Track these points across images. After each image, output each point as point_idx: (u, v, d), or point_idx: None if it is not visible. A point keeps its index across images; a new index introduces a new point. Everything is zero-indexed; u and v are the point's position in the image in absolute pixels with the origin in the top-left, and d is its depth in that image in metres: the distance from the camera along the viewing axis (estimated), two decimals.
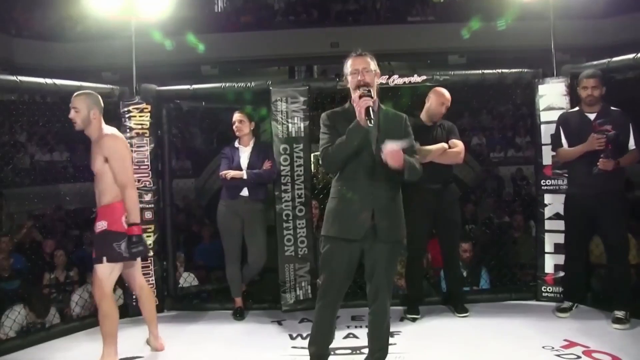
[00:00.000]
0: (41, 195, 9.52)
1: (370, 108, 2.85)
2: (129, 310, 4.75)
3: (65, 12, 14.69)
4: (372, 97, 2.89)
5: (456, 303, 4.54)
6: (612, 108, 4.15)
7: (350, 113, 3.01)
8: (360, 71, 3.00)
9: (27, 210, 8.77)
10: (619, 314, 4.01)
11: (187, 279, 5.68)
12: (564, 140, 4.28)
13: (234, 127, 4.66)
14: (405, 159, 2.89)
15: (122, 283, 4.96)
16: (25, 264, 6.61)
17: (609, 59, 4.42)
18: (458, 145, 4.36)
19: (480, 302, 4.74)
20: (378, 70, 3.12)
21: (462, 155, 4.39)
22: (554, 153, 4.51)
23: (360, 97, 2.87)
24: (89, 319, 4.57)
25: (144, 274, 4.74)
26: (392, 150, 2.83)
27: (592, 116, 4.13)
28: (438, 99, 4.41)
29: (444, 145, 4.31)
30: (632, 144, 4.04)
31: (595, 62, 4.55)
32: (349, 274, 3.07)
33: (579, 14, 13.22)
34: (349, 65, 3.07)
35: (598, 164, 3.97)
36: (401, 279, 5.00)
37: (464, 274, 5.32)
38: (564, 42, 5.26)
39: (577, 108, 4.31)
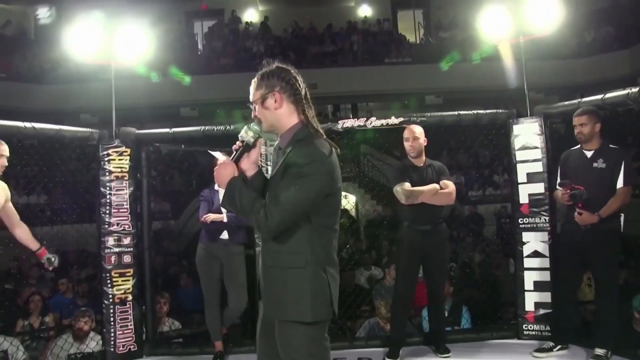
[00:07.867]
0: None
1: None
2: (107, 356, 4.66)
3: (44, 55, 14.72)
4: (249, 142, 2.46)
5: (438, 343, 4.52)
6: (611, 146, 4.13)
7: None
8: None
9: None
10: (600, 351, 3.99)
11: (168, 323, 5.57)
12: (559, 180, 4.29)
13: (214, 170, 4.62)
14: (231, 183, 2.39)
15: (100, 329, 4.88)
16: None
17: (579, 100, 4.54)
18: (449, 186, 4.35)
19: (462, 342, 4.73)
20: (263, 91, 2.47)
21: (454, 196, 4.37)
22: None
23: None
24: None
25: (122, 319, 4.69)
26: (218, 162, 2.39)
27: (589, 153, 4.14)
28: (404, 136, 4.42)
29: (436, 186, 4.29)
30: (620, 183, 3.99)
31: (566, 102, 4.70)
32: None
33: (551, 55, 13.63)
34: None
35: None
36: (384, 321, 4.99)
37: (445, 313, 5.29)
38: (537, 82, 5.40)
39: (579, 145, 4.27)
